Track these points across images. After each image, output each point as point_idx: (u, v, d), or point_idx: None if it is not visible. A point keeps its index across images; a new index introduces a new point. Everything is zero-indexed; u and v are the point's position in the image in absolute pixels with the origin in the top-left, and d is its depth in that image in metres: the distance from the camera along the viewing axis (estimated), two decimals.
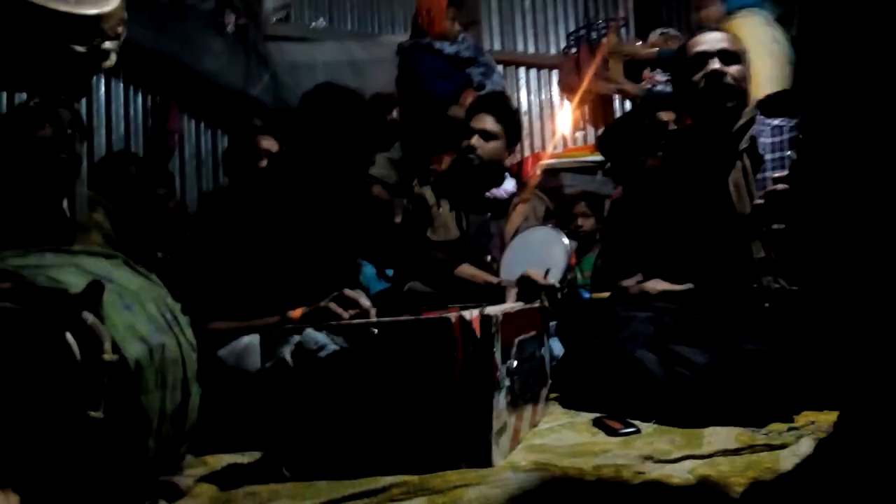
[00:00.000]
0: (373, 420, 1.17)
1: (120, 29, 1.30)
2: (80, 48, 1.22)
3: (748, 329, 1.57)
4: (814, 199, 0.98)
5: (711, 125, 1.84)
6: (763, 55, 2.72)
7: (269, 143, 2.87)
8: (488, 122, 2.43)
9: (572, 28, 4.90)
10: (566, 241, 2.15)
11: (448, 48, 3.61)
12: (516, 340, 1.32)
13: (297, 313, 1.43)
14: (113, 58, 1.31)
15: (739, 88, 1.79)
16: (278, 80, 3.84)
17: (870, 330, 0.89)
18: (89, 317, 0.90)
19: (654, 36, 4.57)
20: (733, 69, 1.78)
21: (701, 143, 1.86)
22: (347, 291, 1.41)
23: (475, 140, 2.40)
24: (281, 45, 3.99)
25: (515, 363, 1.28)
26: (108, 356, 0.90)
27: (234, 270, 1.62)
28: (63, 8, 1.18)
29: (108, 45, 1.27)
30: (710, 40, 1.82)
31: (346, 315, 1.35)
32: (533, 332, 1.48)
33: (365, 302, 1.39)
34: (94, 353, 0.89)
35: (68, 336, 0.89)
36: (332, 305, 1.38)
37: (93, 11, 1.22)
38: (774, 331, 1.58)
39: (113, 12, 1.26)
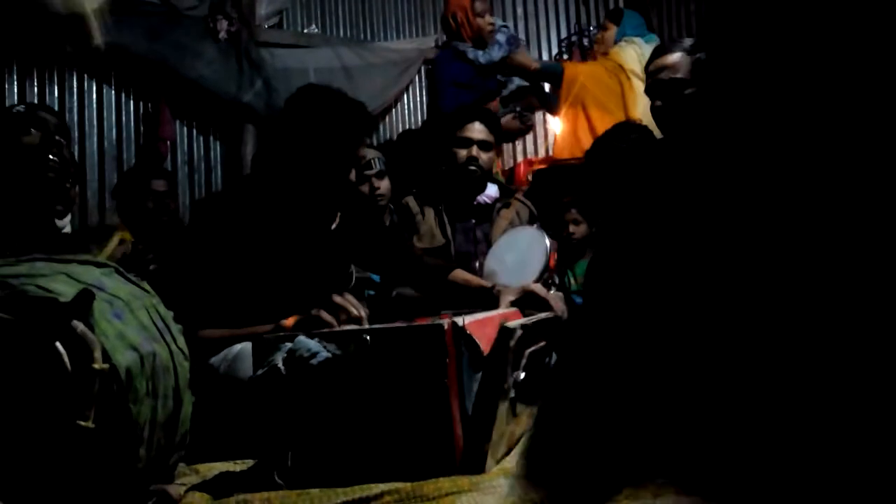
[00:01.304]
0: (366, 427, 1.16)
1: None
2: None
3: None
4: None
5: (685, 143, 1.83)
6: (638, 77, 3.18)
7: None
8: (483, 132, 2.44)
9: (564, 35, 4.93)
10: (547, 240, 2.16)
11: (482, 58, 3.55)
12: (527, 352, 1.31)
13: (289, 321, 1.42)
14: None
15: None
16: (271, 86, 3.84)
17: None
18: (79, 326, 0.89)
19: None
20: (691, 91, 1.77)
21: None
22: (337, 298, 1.40)
23: (475, 151, 2.41)
24: (273, 51, 3.99)
25: (523, 375, 1.27)
26: (99, 365, 0.90)
27: (227, 278, 1.61)
28: None
29: None
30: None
31: (336, 323, 1.35)
32: (543, 343, 1.47)
33: (354, 310, 1.38)
34: (85, 362, 0.89)
35: (58, 345, 0.89)
36: (323, 313, 1.37)
37: None
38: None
39: None
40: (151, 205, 2.97)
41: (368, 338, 1.17)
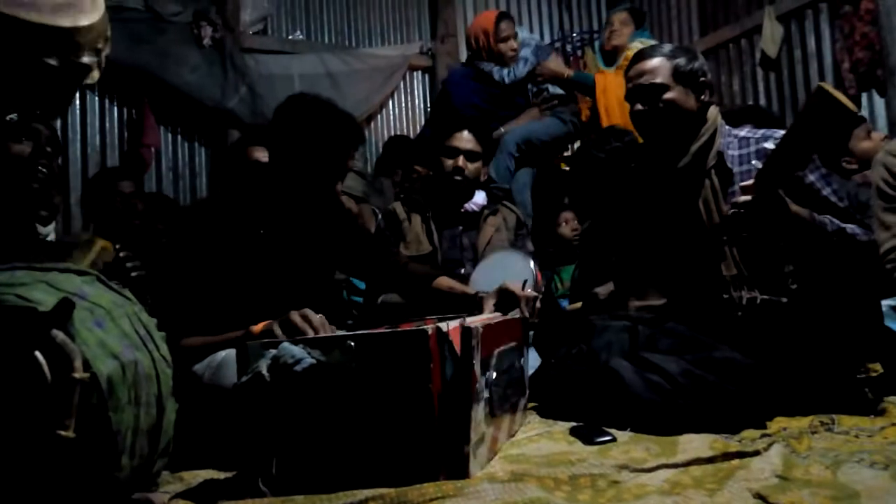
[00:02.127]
0: (350, 433, 1.16)
1: (101, 44, 1.27)
2: (52, 61, 1.19)
3: (721, 337, 1.60)
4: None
5: (665, 148, 1.85)
6: None
7: (260, 154, 2.87)
8: (471, 142, 2.43)
9: (548, 41, 4.96)
10: (530, 261, 2.18)
11: (507, 77, 3.48)
12: (496, 351, 1.32)
13: (258, 327, 1.42)
14: (96, 74, 1.28)
15: (678, 112, 1.79)
16: (255, 92, 3.83)
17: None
18: (59, 335, 0.89)
19: None
20: (669, 95, 1.79)
21: (665, 165, 1.87)
22: (294, 318, 1.35)
23: (461, 161, 2.41)
24: (258, 57, 3.99)
25: (495, 374, 1.28)
26: (79, 374, 0.89)
27: (210, 286, 1.61)
28: (35, 19, 1.16)
29: (86, 59, 1.24)
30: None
31: (283, 338, 1.29)
32: (513, 343, 1.48)
33: (310, 331, 1.33)
34: (65, 371, 0.88)
35: (38, 354, 0.88)
36: (275, 329, 1.35)
37: (67, 24, 1.19)
38: (747, 339, 1.60)
39: (92, 26, 1.23)
40: (119, 206, 2.94)
41: (353, 344, 1.18)
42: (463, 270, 2.37)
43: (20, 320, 0.90)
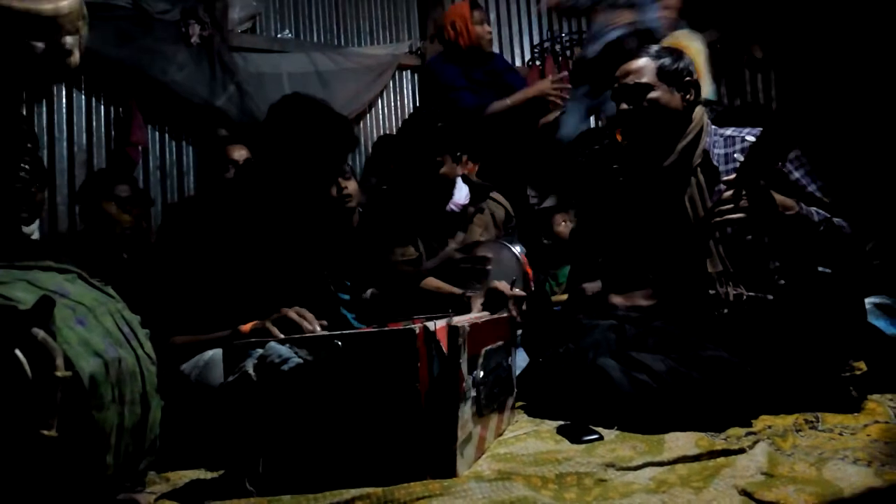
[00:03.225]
0: (337, 432, 1.16)
1: (80, 24, 1.29)
2: (39, 45, 1.21)
3: (707, 335, 1.60)
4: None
5: (650, 147, 1.86)
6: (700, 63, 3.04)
7: (239, 153, 2.86)
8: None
9: (537, 41, 4.97)
10: (517, 249, 2.17)
11: (477, 74, 3.43)
12: (483, 350, 1.32)
13: (247, 327, 1.41)
14: (76, 55, 1.29)
15: (663, 111, 1.81)
16: (243, 90, 3.81)
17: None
18: (39, 333, 0.88)
19: None
20: (653, 95, 1.80)
21: (651, 164, 1.88)
22: (290, 314, 1.38)
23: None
24: (246, 55, 3.97)
25: (482, 373, 1.28)
26: (61, 372, 0.89)
27: (199, 284, 1.60)
28: (17, 5, 1.17)
29: (68, 40, 1.25)
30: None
31: (280, 336, 1.32)
32: (500, 342, 1.48)
33: (308, 325, 1.37)
34: (46, 370, 0.88)
35: (18, 353, 0.87)
36: (269, 326, 1.36)
37: (48, 6, 1.21)
38: (733, 336, 1.61)
39: (71, 7, 1.25)
40: (114, 210, 2.91)
41: (340, 343, 1.17)
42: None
43: (0, 319, 0.89)
